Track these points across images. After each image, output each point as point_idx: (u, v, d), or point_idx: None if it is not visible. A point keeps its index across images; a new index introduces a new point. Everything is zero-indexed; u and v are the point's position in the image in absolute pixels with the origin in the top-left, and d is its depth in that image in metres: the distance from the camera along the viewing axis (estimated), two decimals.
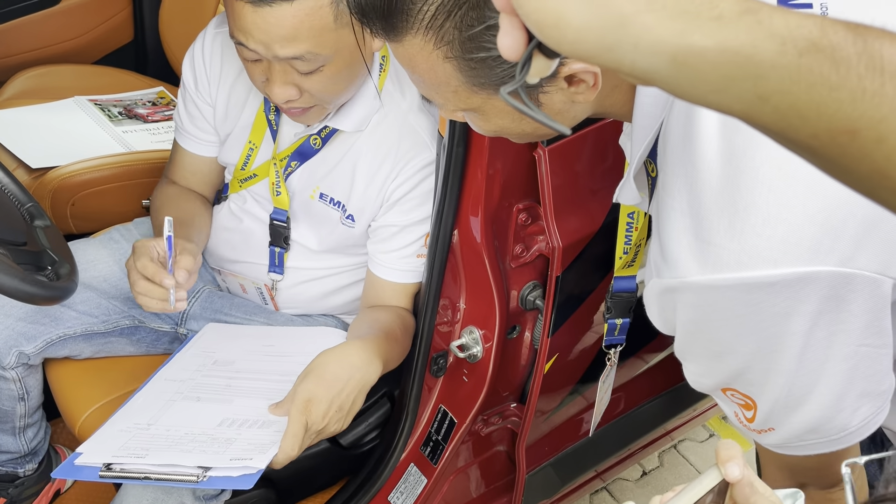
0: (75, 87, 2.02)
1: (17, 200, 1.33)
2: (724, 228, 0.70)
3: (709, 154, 0.72)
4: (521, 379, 1.44)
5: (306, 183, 1.34)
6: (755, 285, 0.70)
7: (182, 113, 1.42)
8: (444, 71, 0.77)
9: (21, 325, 1.36)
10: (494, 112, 0.81)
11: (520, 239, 1.25)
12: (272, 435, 1.14)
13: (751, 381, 0.79)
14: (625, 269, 1.15)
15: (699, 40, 0.45)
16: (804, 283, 0.70)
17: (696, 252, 0.72)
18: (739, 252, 0.70)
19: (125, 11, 2.18)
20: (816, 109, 0.46)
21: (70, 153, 1.77)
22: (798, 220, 0.69)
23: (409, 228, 1.30)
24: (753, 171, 0.70)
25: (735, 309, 0.72)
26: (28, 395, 1.42)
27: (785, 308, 0.71)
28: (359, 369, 1.16)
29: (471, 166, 1.17)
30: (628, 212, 1.09)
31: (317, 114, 1.24)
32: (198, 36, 1.39)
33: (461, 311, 1.32)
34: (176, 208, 1.39)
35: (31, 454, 1.50)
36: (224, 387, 1.27)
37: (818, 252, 0.69)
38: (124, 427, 1.19)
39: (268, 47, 1.10)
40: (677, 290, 0.75)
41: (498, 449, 1.54)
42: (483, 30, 0.72)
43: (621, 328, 1.20)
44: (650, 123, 0.79)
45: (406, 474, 1.46)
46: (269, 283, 1.42)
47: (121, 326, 1.44)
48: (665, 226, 0.75)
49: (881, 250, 0.71)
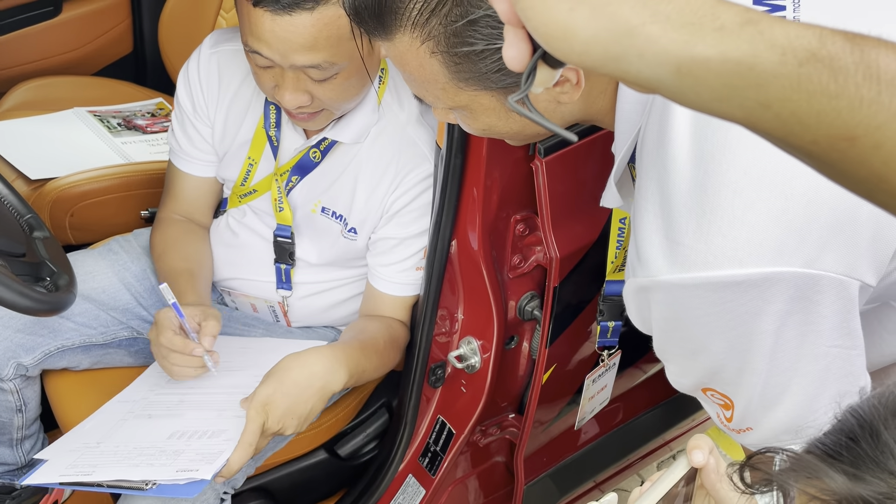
0: (75, 98, 2.03)
1: (16, 212, 1.33)
2: (692, 229, 0.73)
3: (679, 158, 0.75)
4: (519, 389, 1.44)
5: (307, 197, 1.34)
6: (722, 284, 0.73)
7: (179, 136, 1.41)
8: (431, 67, 0.80)
9: (19, 336, 1.35)
10: (482, 110, 0.84)
11: (517, 250, 1.25)
12: (220, 444, 1.15)
13: (726, 381, 0.81)
14: (616, 273, 1.17)
15: (702, 51, 0.46)
16: (770, 284, 0.72)
17: (666, 252, 0.75)
18: (706, 252, 0.72)
19: (125, 23, 2.19)
20: (816, 117, 0.47)
21: (69, 164, 1.77)
22: (762, 222, 0.71)
23: (408, 241, 1.30)
24: (720, 175, 0.72)
25: (705, 307, 0.75)
26: (26, 407, 1.41)
27: (753, 307, 0.73)
28: (319, 377, 1.17)
29: (468, 177, 1.18)
30: (621, 217, 1.11)
31: (324, 118, 1.23)
32: (191, 56, 1.38)
33: (459, 321, 1.32)
34: (180, 257, 1.38)
35: (28, 466, 1.50)
36: (176, 403, 1.27)
37: (782, 253, 0.71)
38: (73, 447, 1.20)
39: (284, 56, 1.10)
40: (650, 288, 0.77)
41: (496, 460, 1.54)
42: (466, 24, 0.75)
43: (613, 331, 1.22)
44: (630, 129, 0.82)
45: (404, 485, 1.46)
46: (279, 299, 1.42)
47: (119, 338, 1.44)
48: (639, 226, 0.78)
49: (847, 252, 0.73)
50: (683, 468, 0.70)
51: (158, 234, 1.44)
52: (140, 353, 1.47)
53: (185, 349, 1.20)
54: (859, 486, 0.48)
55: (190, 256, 1.39)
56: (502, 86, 0.80)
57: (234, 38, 1.34)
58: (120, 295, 1.43)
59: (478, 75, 0.79)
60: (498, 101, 0.82)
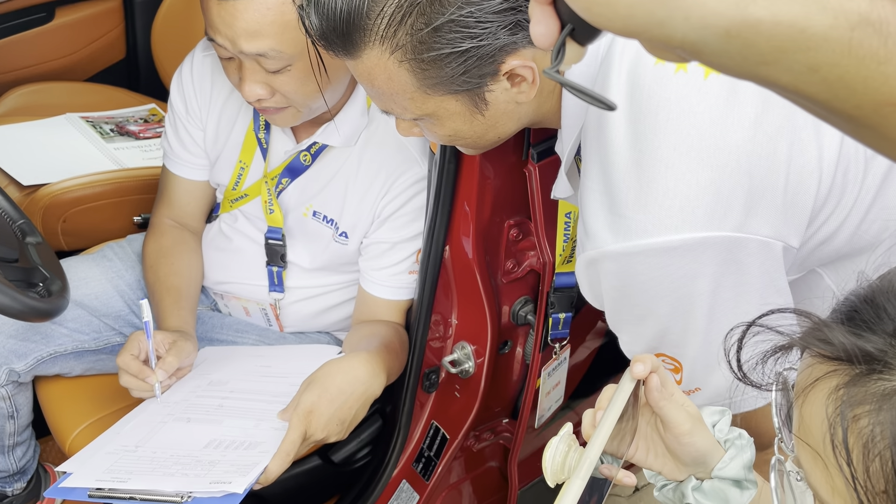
0: (67, 104, 2.02)
1: (8, 217, 1.33)
2: (631, 202, 0.81)
3: (616, 140, 0.82)
4: (513, 394, 1.44)
5: (299, 200, 1.34)
6: (661, 250, 0.80)
7: (172, 139, 1.41)
8: (399, 77, 0.84)
9: (12, 342, 1.35)
10: (447, 115, 0.88)
11: (511, 254, 1.25)
12: (256, 456, 1.14)
13: (673, 342, 0.87)
14: (564, 265, 1.22)
15: (754, 12, 0.46)
16: (704, 247, 0.79)
17: (610, 224, 0.82)
18: (645, 222, 0.80)
19: (117, 29, 2.19)
20: (863, 82, 0.46)
21: (62, 170, 1.76)
22: (692, 191, 0.78)
23: (400, 245, 1.30)
24: (653, 152, 0.80)
25: (648, 273, 0.81)
26: (18, 413, 1.41)
27: (690, 270, 0.80)
28: (363, 382, 1.17)
29: (462, 183, 1.18)
30: (566, 211, 1.17)
31: (291, 116, 1.23)
32: (184, 60, 1.39)
33: (453, 326, 1.32)
34: (172, 271, 1.40)
35: (19, 473, 1.49)
36: (216, 407, 1.27)
37: (712, 218, 0.78)
38: (112, 449, 1.20)
39: (233, 42, 1.11)
40: (598, 260, 0.84)
41: (490, 465, 1.54)
42: (431, 31, 0.79)
43: (564, 322, 1.26)
44: (575, 123, 0.89)
45: (398, 491, 1.46)
46: (272, 302, 1.42)
47: (112, 344, 1.43)
48: (585, 206, 0.85)
49: (769, 216, 0.80)
50: (630, 382, 0.71)
51: (152, 242, 1.44)
52: None
53: (138, 374, 1.22)
54: (860, 341, 0.52)
55: (181, 271, 1.40)
56: (467, 88, 0.85)
57: None
58: (113, 301, 1.43)
59: (445, 80, 0.84)
60: (463, 104, 0.87)
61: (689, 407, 0.74)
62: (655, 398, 0.72)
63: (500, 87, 0.84)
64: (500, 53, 0.81)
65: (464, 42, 0.79)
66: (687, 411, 0.73)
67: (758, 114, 0.79)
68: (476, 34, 0.79)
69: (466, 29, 0.79)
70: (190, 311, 1.36)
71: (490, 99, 0.86)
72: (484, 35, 0.79)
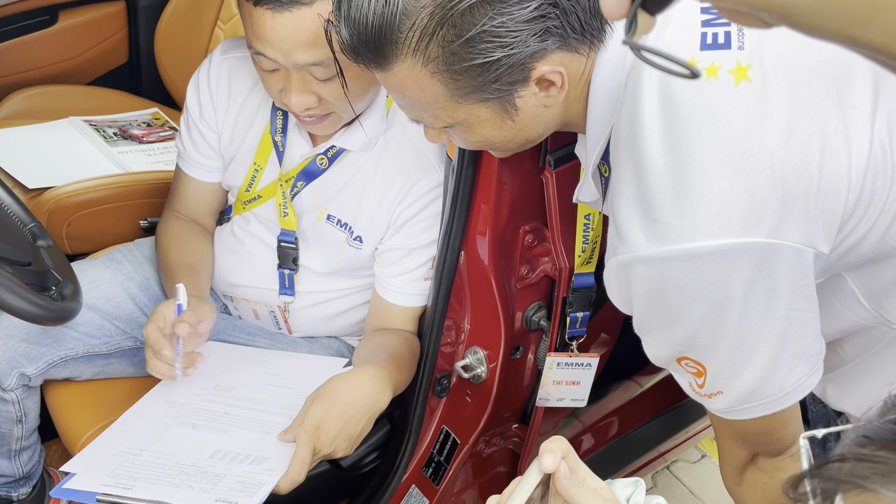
0: (70, 107, 2.02)
1: (20, 220, 1.32)
2: (667, 208, 0.81)
3: (651, 147, 0.82)
4: (523, 400, 1.44)
5: (313, 203, 1.34)
6: (696, 255, 0.80)
7: (186, 140, 1.42)
8: (431, 88, 0.85)
9: (23, 346, 1.34)
10: (478, 122, 0.89)
11: (525, 260, 1.26)
12: (262, 474, 1.14)
13: (700, 347, 0.87)
14: (583, 266, 1.23)
15: None
16: (738, 253, 0.80)
17: (645, 229, 0.83)
18: (681, 227, 0.80)
19: (121, 33, 2.19)
20: None
21: (66, 174, 1.76)
22: (728, 197, 0.79)
23: (416, 252, 1.31)
24: (687, 158, 0.80)
25: (682, 277, 0.82)
26: (26, 418, 1.40)
27: (723, 276, 0.81)
28: (370, 397, 1.17)
29: (480, 189, 1.19)
30: (585, 213, 1.18)
31: (333, 122, 1.24)
32: (203, 62, 1.39)
33: (465, 331, 1.32)
34: (186, 252, 1.40)
35: (25, 478, 1.48)
36: (222, 414, 1.27)
37: (747, 225, 0.79)
38: (116, 451, 1.19)
39: (287, 55, 1.10)
40: (631, 264, 0.85)
41: (499, 470, 1.55)
42: (463, 43, 0.80)
43: (582, 321, 1.28)
44: (602, 129, 0.89)
45: (408, 495, 1.46)
46: (281, 305, 1.42)
47: (122, 348, 1.43)
48: (619, 211, 0.85)
49: (803, 223, 0.81)
50: (537, 475, 0.70)
51: (163, 228, 1.46)
52: (142, 363, 1.45)
53: (155, 345, 1.20)
54: None
55: (194, 252, 1.41)
56: (498, 95, 0.86)
57: (245, 46, 1.34)
58: (124, 304, 1.43)
59: (476, 88, 0.85)
60: (494, 111, 0.88)
61: (602, 491, 0.72)
62: (565, 486, 0.71)
63: (530, 92, 0.86)
64: (530, 60, 0.82)
65: (495, 52, 0.80)
66: (601, 496, 0.71)
67: (790, 121, 0.80)
68: (507, 43, 0.80)
69: (498, 39, 0.80)
70: (205, 285, 1.37)
71: (520, 105, 0.87)
72: (515, 44, 0.80)
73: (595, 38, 0.85)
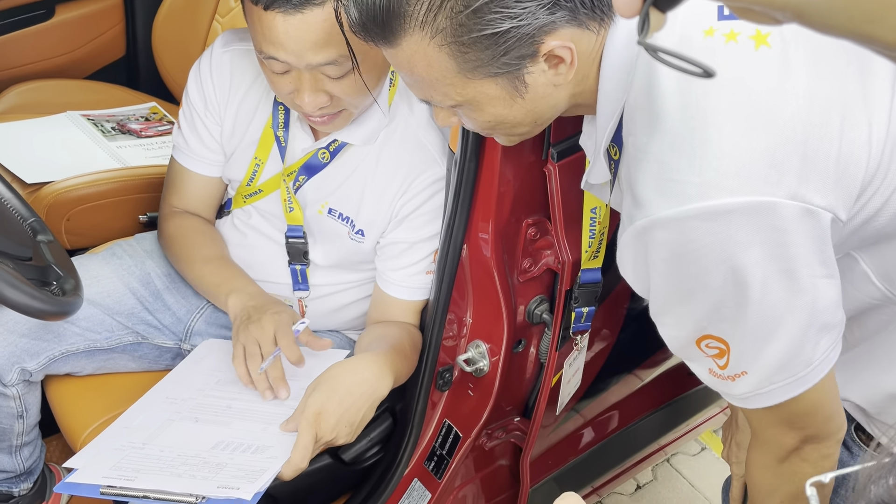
0: (68, 101, 2.01)
1: (20, 215, 1.31)
2: (684, 167, 0.79)
3: (667, 107, 0.81)
4: (525, 393, 1.44)
5: (314, 197, 1.34)
6: (716, 213, 0.78)
7: (188, 134, 1.40)
8: (439, 63, 0.84)
9: (24, 341, 1.34)
10: (487, 100, 0.88)
11: (528, 253, 1.26)
12: (263, 462, 1.14)
13: (723, 318, 0.85)
14: (590, 261, 1.22)
15: None
16: (758, 212, 0.78)
17: (662, 190, 0.81)
18: (700, 185, 0.78)
19: (118, 27, 2.18)
20: None
21: (65, 168, 1.75)
22: (747, 156, 0.78)
23: (418, 245, 1.30)
24: (705, 118, 0.79)
25: (701, 239, 0.80)
26: (27, 413, 1.39)
27: (743, 237, 0.79)
28: (370, 384, 1.17)
29: (482, 182, 1.18)
30: (591, 206, 1.16)
31: (343, 119, 1.23)
32: (203, 54, 1.38)
33: (468, 325, 1.32)
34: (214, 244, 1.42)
35: (26, 473, 1.48)
36: (224, 408, 1.27)
37: (767, 184, 0.78)
38: (119, 446, 1.19)
39: (300, 56, 1.10)
40: (648, 229, 0.82)
41: (500, 463, 1.55)
42: (470, 13, 0.80)
43: (587, 316, 1.27)
44: (613, 107, 0.88)
45: (410, 489, 1.46)
46: (300, 298, 1.41)
47: (124, 343, 1.42)
48: (635, 178, 0.83)
49: (823, 186, 0.79)
50: None
51: (177, 223, 1.44)
52: (143, 358, 1.46)
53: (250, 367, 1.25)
54: None
55: (218, 240, 1.42)
56: (507, 71, 0.85)
57: (246, 38, 1.33)
58: (125, 299, 1.42)
59: (485, 62, 0.84)
60: (503, 88, 0.87)
61: None
62: None
63: (539, 68, 0.85)
64: (539, 34, 0.81)
65: (503, 22, 0.80)
66: None
67: (811, 85, 0.79)
68: (515, 14, 0.79)
69: (506, 9, 0.79)
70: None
71: (529, 81, 0.86)
72: (523, 15, 0.80)
73: (605, 15, 0.84)
